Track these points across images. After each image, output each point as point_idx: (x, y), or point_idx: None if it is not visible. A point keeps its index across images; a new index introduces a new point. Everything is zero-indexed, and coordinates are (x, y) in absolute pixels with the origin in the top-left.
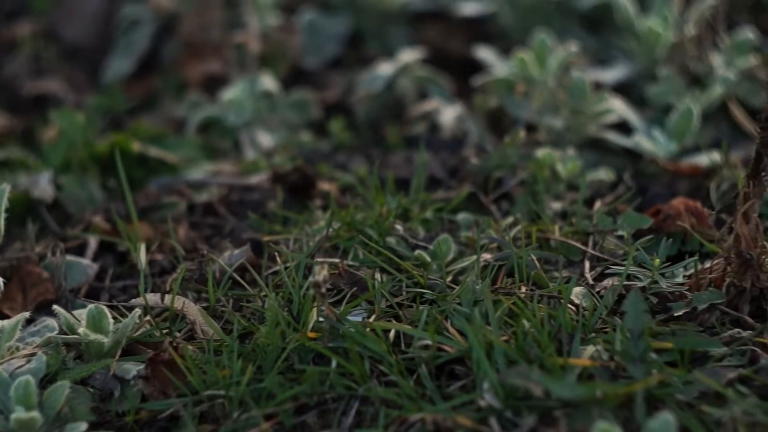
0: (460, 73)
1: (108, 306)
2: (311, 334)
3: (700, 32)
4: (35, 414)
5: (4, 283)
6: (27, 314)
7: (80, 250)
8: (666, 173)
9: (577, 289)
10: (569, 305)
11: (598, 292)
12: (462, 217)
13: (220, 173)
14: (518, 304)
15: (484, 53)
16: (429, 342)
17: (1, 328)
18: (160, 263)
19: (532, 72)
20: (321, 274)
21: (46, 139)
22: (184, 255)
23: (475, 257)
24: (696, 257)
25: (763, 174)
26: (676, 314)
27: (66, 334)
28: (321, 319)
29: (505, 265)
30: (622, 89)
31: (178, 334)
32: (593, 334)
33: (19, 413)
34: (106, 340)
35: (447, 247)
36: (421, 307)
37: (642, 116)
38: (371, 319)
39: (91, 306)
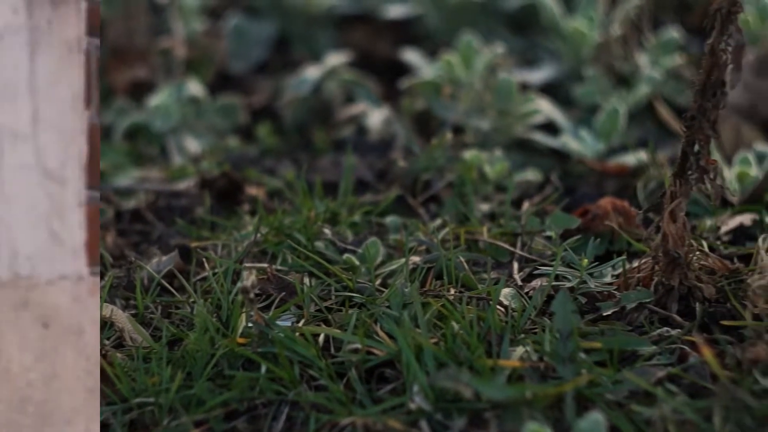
0: (387, 76)
1: None
2: (240, 340)
3: (626, 32)
4: None
5: None
6: None
7: None
8: (593, 173)
9: (505, 291)
10: (498, 306)
11: (526, 293)
12: (390, 220)
13: (148, 179)
14: (447, 306)
15: (411, 56)
16: (358, 346)
17: None
18: None
19: (458, 74)
20: (249, 279)
21: None
22: (112, 262)
23: (403, 260)
24: (624, 257)
25: (689, 173)
26: (604, 314)
27: None
28: (250, 324)
29: (434, 268)
30: (549, 90)
31: (106, 342)
32: (522, 335)
33: None
34: None
35: (375, 250)
36: (350, 311)
37: (569, 116)
38: (300, 324)
39: None
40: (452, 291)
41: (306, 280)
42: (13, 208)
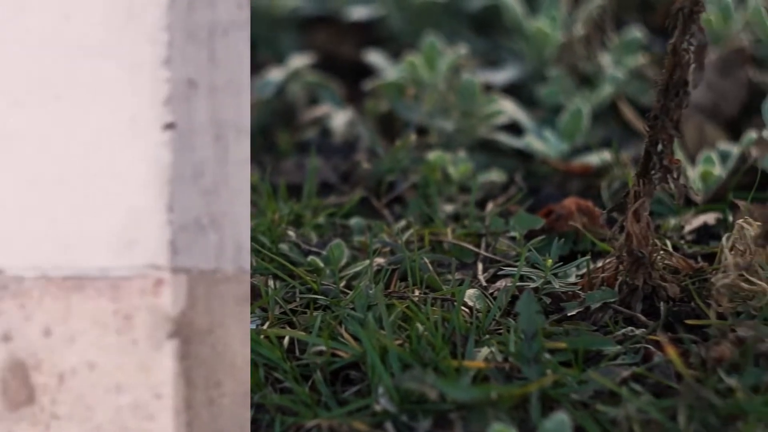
0: (351, 78)
1: None
2: None
3: (589, 32)
4: None
5: None
6: None
7: None
8: (557, 173)
9: (470, 291)
10: (463, 307)
11: (491, 294)
12: (354, 221)
13: None
14: (412, 308)
15: (374, 57)
16: (323, 348)
17: None
18: None
19: (422, 75)
20: None
21: None
22: None
23: (368, 262)
24: (588, 256)
25: (652, 172)
26: (569, 314)
27: None
28: None
29: (399, 269)
30: (513, 90)
31: None
32: (487, 336)
33: None
34: None
35: (340, 252)
36: (314, 313)
37: (533, 117)
38: (265, 326)
39: None
40: (417, 292)
41: (270, 282)
42: (237, 202)
